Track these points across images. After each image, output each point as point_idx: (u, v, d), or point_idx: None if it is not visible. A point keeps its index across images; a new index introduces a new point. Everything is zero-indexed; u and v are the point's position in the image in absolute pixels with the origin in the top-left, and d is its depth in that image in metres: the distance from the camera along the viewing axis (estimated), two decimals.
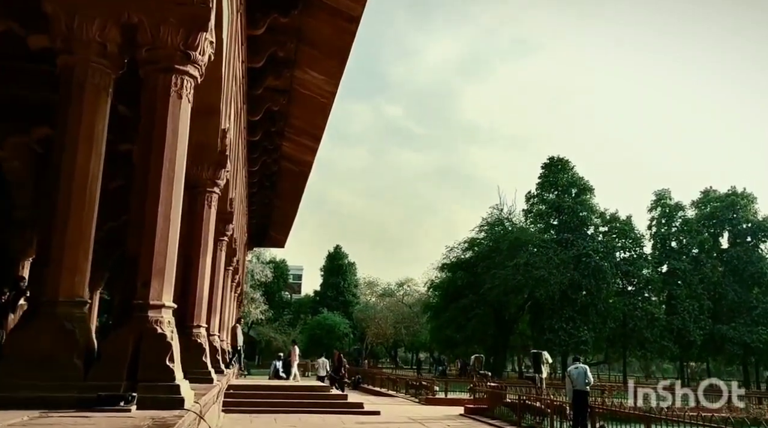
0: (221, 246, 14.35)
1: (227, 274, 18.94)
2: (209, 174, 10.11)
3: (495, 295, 40.68)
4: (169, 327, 5.52)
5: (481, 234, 47.31)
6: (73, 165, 5.43)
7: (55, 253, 5.31)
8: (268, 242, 40.22)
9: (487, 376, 24.26)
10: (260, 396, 15.18)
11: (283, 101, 17.55)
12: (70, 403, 4.85)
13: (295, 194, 27.77)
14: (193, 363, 9.45)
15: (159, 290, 5.50)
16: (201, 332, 9.84)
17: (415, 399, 20.89)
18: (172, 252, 5.70)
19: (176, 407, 5.04)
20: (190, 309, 9.78)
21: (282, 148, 21.73)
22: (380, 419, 14.33)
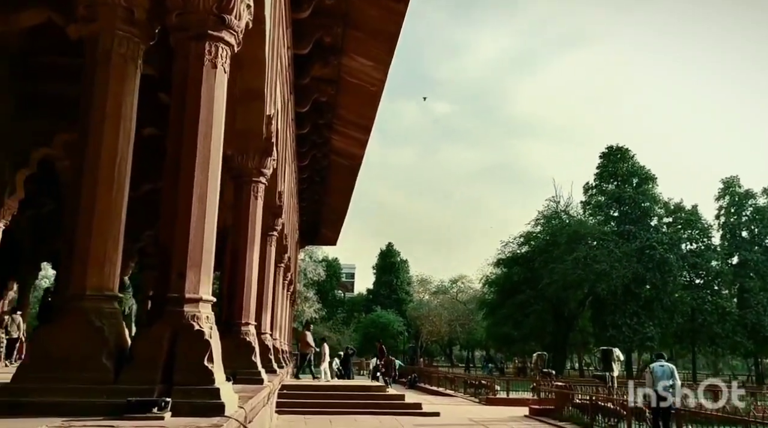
0: (271, 241, 13.82)
1: (278, 271, 18.50)
2: (255, 163, 9.54)
3: (554, 290, 39.21)
4: (207, 324, 4.90)
5: (537, 228, 45.84)
6: (99, 144, 4.88)
7: (80, 243, 4.76)
8: (320, 240, 39.98)
9: (551, 375, 23.09)
10: (314, 396, 14.63)
11: (331, 91, 16.99)
12: (99, 409, 4.27)
13: (345, 190, 27.26)
14: (242, 362, 8.95)
15: (196, 282, 4.89)
16: (250, 330, 9.29)
17: (475, 399, 20.00)
18: (209, 240, 5.09)
19: (216, 413, 4.40)
20: (237, 306, 9.25)
21: (331, 141, 21.21)
22: (440, 421, 13.57)
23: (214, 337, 4.87)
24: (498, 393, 19.69)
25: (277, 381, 11.68)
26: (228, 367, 7.62)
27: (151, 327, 4.73)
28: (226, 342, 8.41)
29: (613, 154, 44.81)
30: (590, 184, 45.23)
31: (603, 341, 39.83)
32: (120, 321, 4.86)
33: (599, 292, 38.90)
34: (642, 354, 45.28)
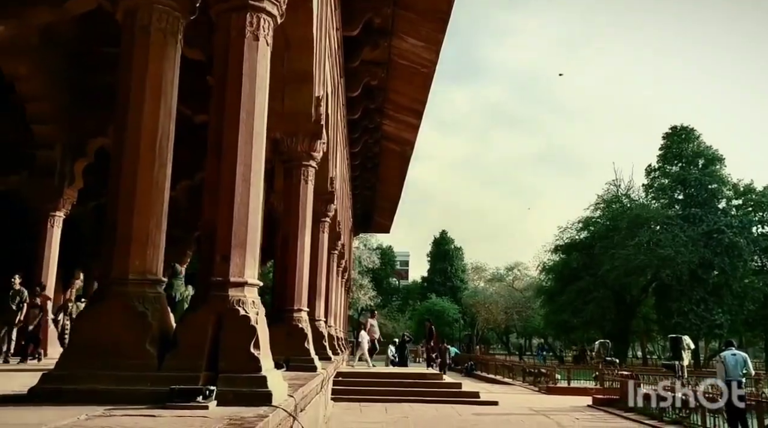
0: (323, 227, 13.65)
1: (332, 258, 18.39)
2: (304, 146, 9.32)
3: (615, 277, 37.82)
4: (253, 309, 4.67)
5: (596, 213, 44.29)
6: (139, 121, 4.69)
7: (122, 224, 4.60)
8: (374, 227, 39.88)
9: (614, 363, 22.25)
10: (370, 384, 14.44)
11: (382, 74, 16.65)
12: (141, 397, 4.09)
13: (398, 176, 26.97)
14: (295, 349, 8.79)
15: (241, 264, 4.66)
16: (302, 316, 9.11)
17: (534, 388, 19.42)
18: (255, 221, 4.85)
19: (262, 402, 4.16)
20: (288, 292, 9.09)
21: (383, 126, 20.91)
22: (498, 410, 13.15)
23: (260, 323, 4.59)
24: (558, 381, 19.06)
25: (331, 369, 11.51)
26: (280, 354, 7.43)
27: (195, 313, 4.50)
28: (278, 329, 8.22)
29: (677, 135, 42.77)
30: (653, 166, 43.29)
31: (668, 329, 38.30)
32: (164, 305, 4.67)
33: (663, 278, 37.29)
34: (710, 342, 43.29)
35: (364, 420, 11.00)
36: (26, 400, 4.12)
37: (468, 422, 11.13)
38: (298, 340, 8.75)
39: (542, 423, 11.37)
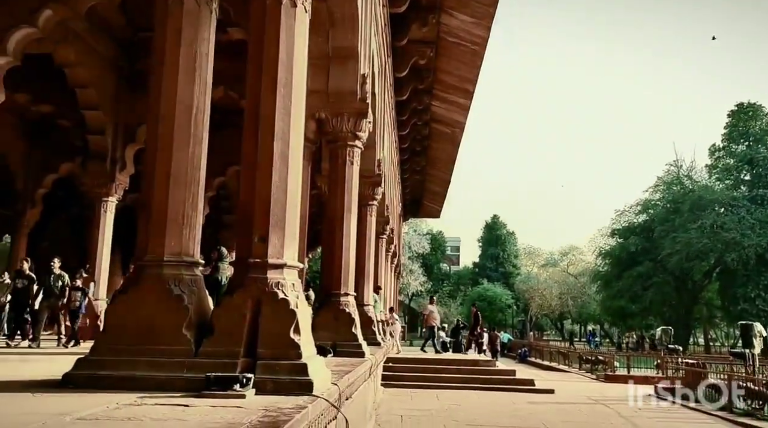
0: (370, 210, 13.37)
1: (380, 242, 18.14)
2: (349, 126, 9.03)
3: (676, 261, 36.24)
4: (293, 292, 4.42)
5: (656, 195, 42.58)
6: (173, 95, 4.46)
7: (156, 203, 4.40)
8: (423, 212, 39.46)
9: (677, 351, 21.28)
10: (421, 370, 14.15)
11: (430, 53, 16.19)
12: (177, 384, 3.90)
13: (447, 160, 26.45)
14: (342, 334, 8.57)
15: (279, 245, 4.40)
16: (349, 300, 8.89)
17: (592, 376, 18.77)
18: (293, 199, 4.58)
19: (303, 392, 3.91)
20: (335, 276, 8.87)
21: (432, 108, 20.46)
22: (555, 399, 12.66)
23: (301, 306, 4.37)
24: (617, 369, 18.34)
25: (380, 354, 11.27)
26: (327, 339, 7.16)
27: (232, 296, 4.27)
28: (325, 314, 7.94)
29: (744, 112, 40.54)
30: (717, 145, 41.19)
31: (733, 315, 36.68)
32: (201, 289, 4.47)
33: (728, 263, 35.51)
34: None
35: (414, 407, 10.72)
36: (60, 386, 4.02)
37: (522, 411, 10.71)
38: (345, 325, 8.54)
39: (601, 413, 10.85)
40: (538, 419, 9.64)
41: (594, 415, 10.52)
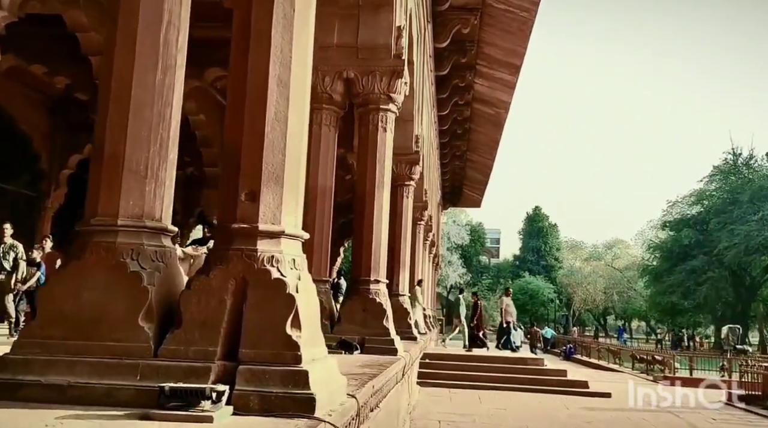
0: (407, 191, 12.18)
1: (418, 228, 16.90)
2: (382, 86, 7.78)
3: (734, 255, 33.84)
4: (293, 270, 3.17)
5: (711, 185, 40.08)
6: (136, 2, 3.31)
7: (110, 148, 3.18)
8: (463, 202, 37.90)
9: (747, 352, 19.47)
10: (461, 368, 12.91)
11: (474, 21, 14.72)
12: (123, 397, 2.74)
13: (490, 144, 24.86)
14: (372, 327, 7.39)
15: (275, 206, 3.15)
16: (380, 288, 7.69)
17: (648, 377, 17.17)
18: (297, 146, 3.35)
19: (301, 411, 2.70)
20: (365, 260, 7.67)
21: (474, 86, 18.99)
22: (613, 404, 11.25)
23: (303, 291, 3.17)
24: (677, 371, 16.68)
25: (416, 350, 10.06)
26: (354, 333, 6.54)
27: (208, 276, 3.09)
28: (353, 303, 6.75)
29: None
30: None
31: None
32: (172, 264, 3.32)
33: None
34: None
35: (454, 410, 9.48)
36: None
37: (578, 418, 9.37)
38: (376, 317, 7.36)
39: (671, 423, 9.41)
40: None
41: (662, 427, 9.09)
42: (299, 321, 3.02)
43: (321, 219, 7.60)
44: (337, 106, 7.89)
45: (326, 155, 7.70)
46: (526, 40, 15.34)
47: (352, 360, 6.14)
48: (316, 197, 7.61)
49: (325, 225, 7.69)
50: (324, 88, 7.72)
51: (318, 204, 7.62)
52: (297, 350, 2.94)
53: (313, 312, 3.37)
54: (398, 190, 12.13)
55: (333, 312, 7.59)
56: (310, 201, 7.61)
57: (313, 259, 7.47)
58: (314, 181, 7.63)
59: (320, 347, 3.37)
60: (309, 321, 3.17)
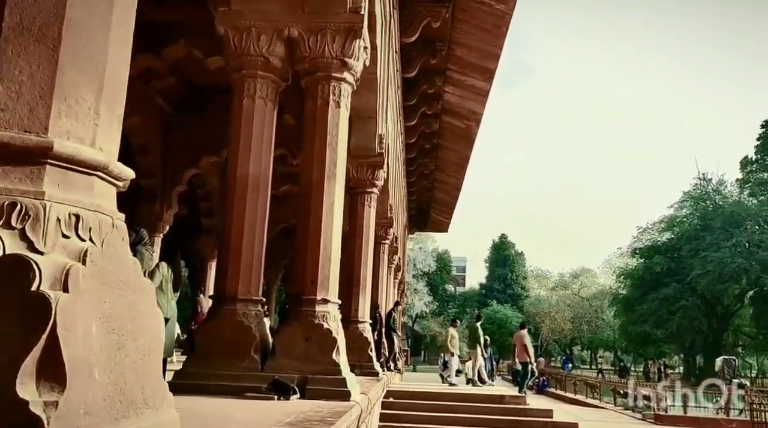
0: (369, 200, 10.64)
1: (382, 248, 15.08)
2: (334, 48, 5.96)
3: (707, 283, 32.76)
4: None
5: (682, 211, 39.31)
6: None
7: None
8: (431, 226, 36.26)
9: (744, 386, 17.93)
10: (429, 408, 10.99)
11: (446, 14, 13.19)
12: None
13: (459, 161, 23.31)
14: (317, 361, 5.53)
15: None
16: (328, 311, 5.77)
17: (636, 415, 15.49)
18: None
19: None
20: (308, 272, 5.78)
21: (444, 96, 17.48)
22: None
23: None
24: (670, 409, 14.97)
25: (378, 389, 8.16)
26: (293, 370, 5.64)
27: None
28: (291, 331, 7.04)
29: None
30: (749, 158, 37.95)
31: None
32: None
33: (766, 285, 32.08)
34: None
35: None
36: None
37: None
38: (322, 349, 5.44)
39: None
40: None
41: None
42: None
43: (252, 217, 5.72)
44: (275, 74, 6.07)
45: (260, 135, 5.82)
46: (502, 39, 13.85)
47: (280, 411, 4.25)
48: (246, 189, 5.75)
49: (257, 225, 5.80)
50: (259, 50, 5.92)
51: (249, 198, 5.75)
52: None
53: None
54: (359, 198, 10.40)
55: (266, 343, 5.68)
56: (238, 194, 5.77)
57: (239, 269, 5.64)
58: (244, 169, 5.77)
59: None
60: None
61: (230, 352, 5.42)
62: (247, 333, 5.50)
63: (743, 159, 38.29)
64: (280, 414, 4.11)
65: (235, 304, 5.60)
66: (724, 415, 14.19)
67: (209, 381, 5.22)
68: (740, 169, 38.44)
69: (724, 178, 39.01)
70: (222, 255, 5.86)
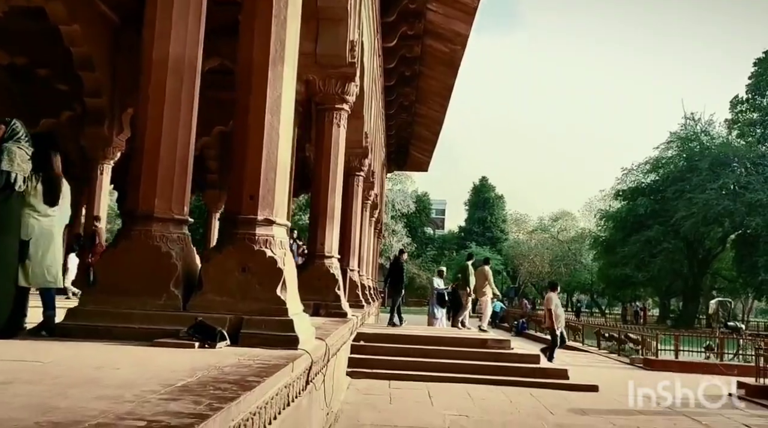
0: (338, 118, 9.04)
1: (356, 181, 13.74)
2: None
3: (691, 225, 32.10)
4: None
5: (668, 152, 38.35)
6: None
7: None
8: (410, 165, 34.86)
9: (738, 330, 17.32)
10: (405, 352, 9.94)
11: None
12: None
13: (442, 91, 21.65)
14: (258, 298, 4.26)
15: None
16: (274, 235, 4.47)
17: (623, 359, 14.72)
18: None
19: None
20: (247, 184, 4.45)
21: (426, 13, 15.80)
22: (605, 401, 8.59)
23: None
24: (661, 353, 14.18)
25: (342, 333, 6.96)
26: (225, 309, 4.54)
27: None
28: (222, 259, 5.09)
29: None
30: (740, 97, 36.83)
31: (751, 286, 33.13)
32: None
33: (754, 228, 31.49)
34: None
35: (395, 421, 6.48)
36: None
37: None
38: (264, 282, 4.17)
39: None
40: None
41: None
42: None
43: (174, 112, 4.31)
44: None
45: None
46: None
47: (190, 365, 2.99)
48: (165, 74, 4.34)
49: (181, 122, 4.39)
50: None
51: (169, 86, 4.33)
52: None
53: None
54: (326, 115, 9.23)
55: (192, 275, 4.38)
56: (155, 81, 4.36)
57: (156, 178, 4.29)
58: (163, 49, 4.35)
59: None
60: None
61: (142, 286, 4.15)
62: (165, 262, 4.21)
63: (733, 98, 37.17)
64: (186, 369, 2.85)
65: (150, 224, 4.29)
66: (717, 360, 13.45)
67: (114, 323, 3.99)
68: (730, 109, 37.41)
69: (713, 118, 37.99)
70: (135, 161, 4.46)
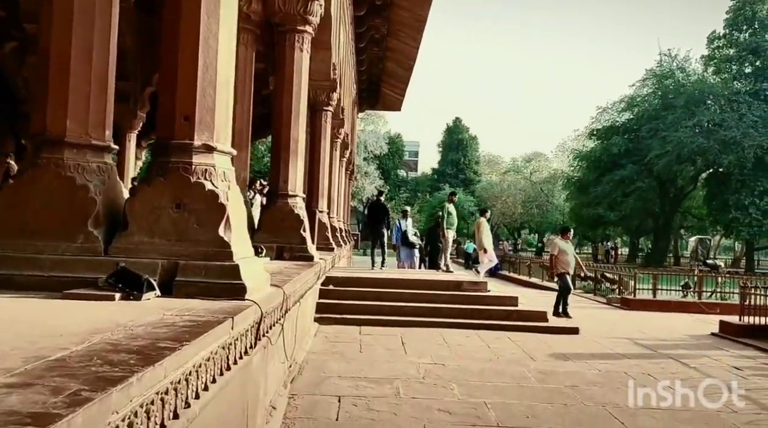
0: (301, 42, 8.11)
1: (324, 116, 12.85)
2: None
3: (665, 164, 31.90)
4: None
5: (644, 90, 37.76)
6: None
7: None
8: (382, 104, 33.64)
9: (717, 268, 17.20)
10: (376, 296, 9.39)
11: None
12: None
13: (415, 25, 20.47)
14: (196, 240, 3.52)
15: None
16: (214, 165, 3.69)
17: (600, 299, 14.48)
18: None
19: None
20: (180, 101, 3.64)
21: None
22: (587, 345, 8.18)
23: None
24: (639, 292, 13.95)
25: (307, 278, 6.30)
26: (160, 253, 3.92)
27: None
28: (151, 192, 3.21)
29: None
30: (717, 33, 36.14)
31: (721, 225, 33.33)
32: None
33: (727, 165, 31.36)
34: None
35: (365, 373, 5.94)
36: None
37: (555, 378, 6.07)
38: (203, 222, 3.44)
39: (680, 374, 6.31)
40: None
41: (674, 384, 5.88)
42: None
43: (87, 13, 3.48)
44: None
45: None
46: None
47: (96, 324, 2.30)
48: None
49: (96, 26, 3.56)
50: None
51: None
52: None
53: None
54: (287, 37, 8.34)
55: (116, 212, 3.64)
56: None
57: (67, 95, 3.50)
58: None
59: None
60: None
61: (53, 225, 3.42)
62: (81, 196, 3.46)
63: (710, 34, 36.46)
64: (80, 332, 2.15)
65: (61, 151, 3.52)
66: (696, 298, 13.24)
67: (16, 270, 3.27)
68: (707, 46, 36.74)
69: (689, 55, 37.39)
70: (42, 76, 3.63)
